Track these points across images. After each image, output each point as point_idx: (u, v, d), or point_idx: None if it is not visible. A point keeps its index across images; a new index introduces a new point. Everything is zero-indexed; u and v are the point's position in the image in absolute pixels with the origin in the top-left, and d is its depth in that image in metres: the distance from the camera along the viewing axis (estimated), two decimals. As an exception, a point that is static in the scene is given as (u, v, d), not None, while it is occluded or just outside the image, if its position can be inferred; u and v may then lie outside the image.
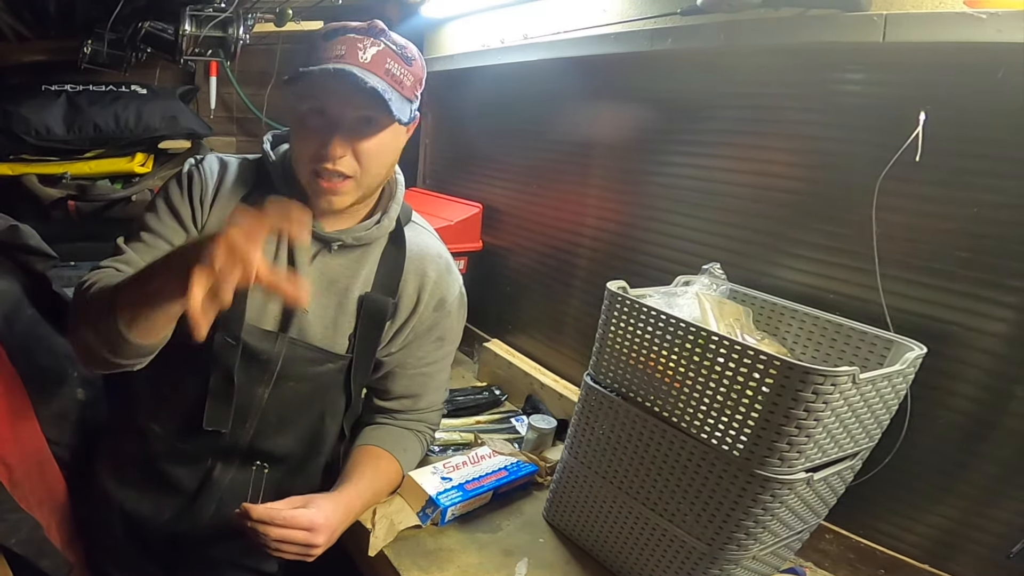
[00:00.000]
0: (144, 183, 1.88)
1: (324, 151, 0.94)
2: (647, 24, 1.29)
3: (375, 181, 1.02)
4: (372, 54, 0.93)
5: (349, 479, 1.06)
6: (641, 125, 1.43)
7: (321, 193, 0.98)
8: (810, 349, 1.08)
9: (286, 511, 0.92)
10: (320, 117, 0.95)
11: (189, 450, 1.07)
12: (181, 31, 1.67)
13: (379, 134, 0.97)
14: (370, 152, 0.97)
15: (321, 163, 0.95)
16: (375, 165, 0.99)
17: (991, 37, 0.84)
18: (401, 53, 0.97)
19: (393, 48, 0.96)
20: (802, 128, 1.13)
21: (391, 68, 0.95)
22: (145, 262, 0.97)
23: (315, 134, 0.95)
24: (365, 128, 0.95)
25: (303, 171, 0.98)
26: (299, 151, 0.98)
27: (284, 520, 0.91)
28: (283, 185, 1.04)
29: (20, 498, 0.98)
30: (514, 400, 1.69)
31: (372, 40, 0.94)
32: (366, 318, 1.09)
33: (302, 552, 0.94)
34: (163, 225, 1.02)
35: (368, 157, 0.97)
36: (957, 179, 0.95)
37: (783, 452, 0.81)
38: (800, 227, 1.14)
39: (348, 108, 0.94)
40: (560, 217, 1.67)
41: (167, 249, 0.99)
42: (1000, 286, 0.93)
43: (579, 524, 1.12)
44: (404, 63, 0.97)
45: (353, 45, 0.93)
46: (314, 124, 0.95)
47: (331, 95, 0.93)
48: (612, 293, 0.99)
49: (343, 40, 0.93)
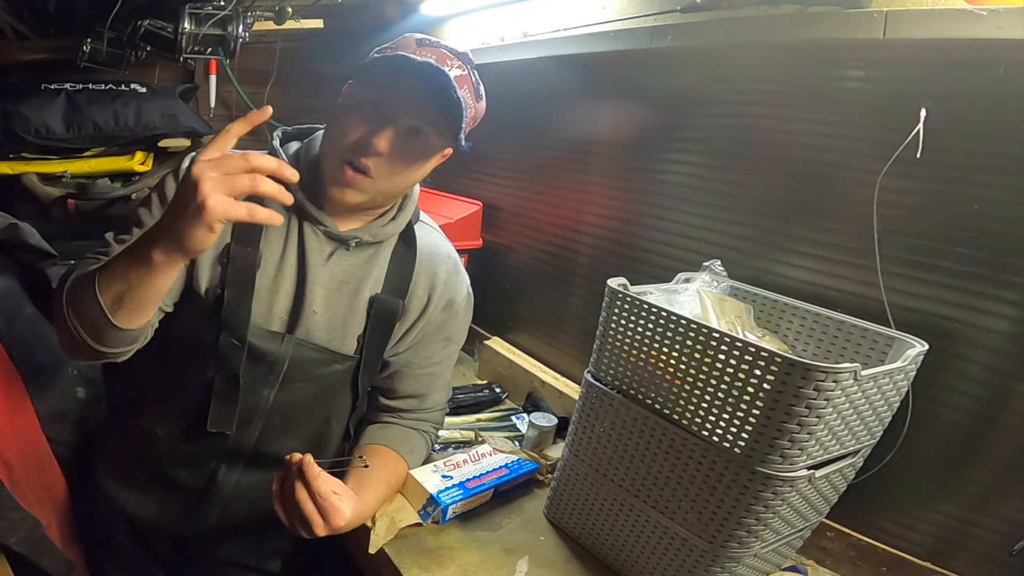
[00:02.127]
0: (144, 181, 1.88)
1: (367, 140, 0.92)
2: (647, 21, 1.29)
3: (392, 193, 1.01)
4: (456, 75, 0.91)
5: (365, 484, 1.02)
6: (641, 122, 1.42)
7: (340, 183, 0.95)
8: (811, 346, 1.08)
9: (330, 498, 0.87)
10: (375, 109, 0.93)
11: (192, 452, 1.06)
12: (180, 29, 1.67)
13: (422, 152, 0.96)
14: (405, 167, 0.96)
15: (358, 154, 0.93)
16: (401, 179, 0.98)
17: (992, 34, 0.84)
18: (477, 88, 0.97)
19: (473, 79, 0.96)
20: (803, 125, 1.13)
21: (465, 96, 0.93)
22: None
23: (364, 124, 0.93)
24: (413, 140, 0.94)
25: (334, 156, 0.96)
26: (338, 135, 0.95)
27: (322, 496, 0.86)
28: (295, 185, 1.02)
29: (20, 497, 0.98)
30: (515, 398, 1.69)
31: (460, 63, 0.94)
32: (376, 319, 1.08)
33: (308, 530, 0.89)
34: (153, 219, 0.99)
35: (401, 170, 0.96)
36: (958, 175, 0.95)
37: (785, 449, 0.81)
38: (801, 224, 1.14)
39: (409, 112, 0.92)
40: (560, 214, 1.67)
41: None
42: (1002, 282, 0.93)
43: (580, 522, 1.12)
44: (475, 98, 0.97)
45: (444, 58, 0.92)
46: (367, 113, 0.93)
47: (399, 93, 0.91)
48: (613, 290, 0.99)
49: (435, 51, 0.92)
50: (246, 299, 0.99)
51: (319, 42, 2.15)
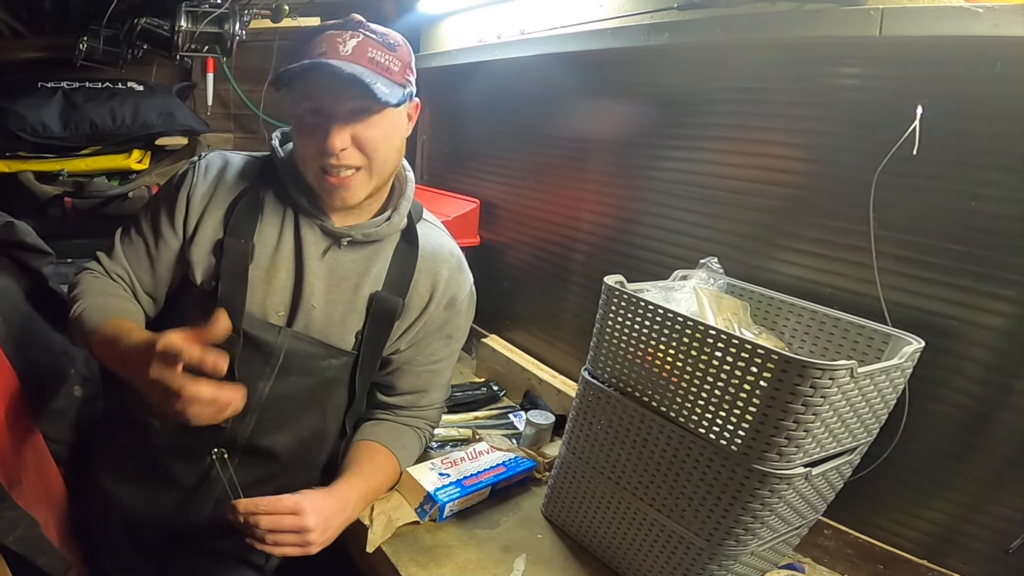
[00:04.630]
0: (141, 180, 1.87)
1: (325, 146, 0.94)
2: (644, 19, 1.29)
3: (385, 168, 1.02)
4: (352, 46, 0.94)
5: (343, 473, 1.07)
6: (638, 120, 1.42)
7: (331, 190, 0.99)
8: (808, 343, 1.08)
9: (268, 497, 0.92)
10: (316, 116, 0.95)
11: (188, 445, 1.06)
12: (177, 27, 1.66)
13: (375, 121, 0.97)
14: (371, 139, 0.97)
15: (326, 159, 0.96)
16: (380, 152, 0.99)
17: (988, 31, 0.84)
18: (383, 41, 0.97)
19: (374, 37, 0.96)
20: (799, 122, 1.13)
21: (374, 56, 0.95)
22: (130, 261, 1.06)
23: (314, 132, 0.96)
24: (360, 116, 0.96)
25: (310, 172, 0.99)
26: (303, 152, 0.99)
27: (268, 506, 0.91)
28: (291, 182, 1.04)
29: (17, 496, 0.98)
30: (512, 396, 1.69)
31: (351, 33, 0.95)
32: (375, 317, 1.09)
33: (298, 542, 0.92)
34: (147, 223, 1.06)
35: (370, 145, 0.97)
36: (954, 172, 0.95)
37: (781, 447, 0.81)
38: (797, 221, 1.14)
39: (339, 101, 0.94)
40: (557, 212, 1.67)
41: (141, 247, 1.06)
42: (998, 279, 0.93)
43: (577, 520, 1.12)
44: (387, 50, 0.97)
45: (332, 41, 0.94)
46: (312, 123, 0.96)
47: (321, 91, 0.94)
48: (609, 288, 0.99)
49: (322, 38, 0.94)
50: (240, 289, 1.02)
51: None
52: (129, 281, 1.06)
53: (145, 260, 1.06)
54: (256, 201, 1.05)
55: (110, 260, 1.07)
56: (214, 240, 1.03)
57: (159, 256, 1.06)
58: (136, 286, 1.07)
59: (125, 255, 1.06)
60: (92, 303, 0.98)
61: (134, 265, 1.06)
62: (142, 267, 1.06)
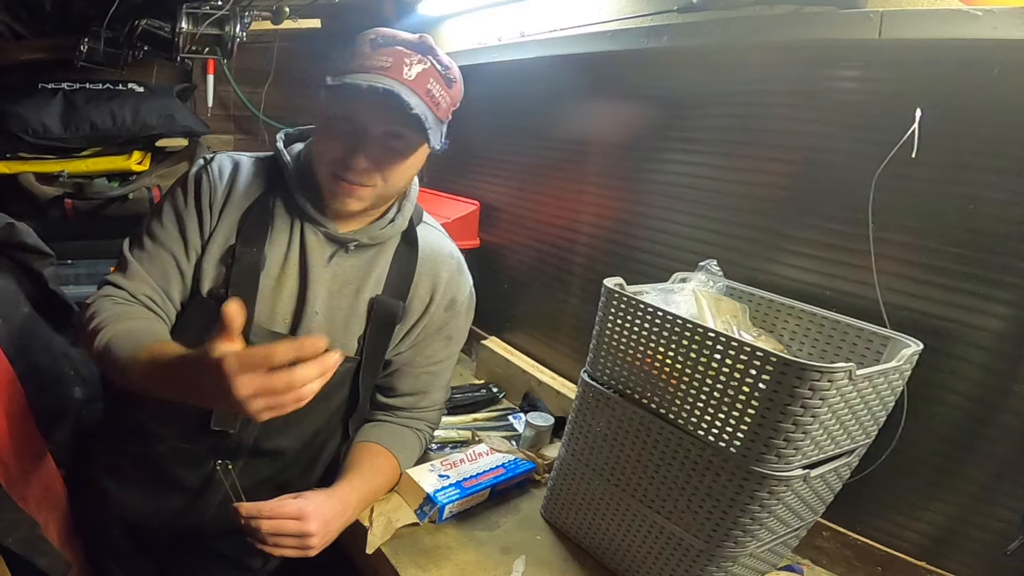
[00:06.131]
0: (141, 181, 1.88)
1: (349, 160, 0.93)
2: (643, 21, 1.29)
3: (393, 193, 1.02)
4: (417, 72, 0.92)
5: (343, 475, 1.07)
6: (638, 122, 1.42)
7: (339, 194, 0.98)
8: (807, 346, 1.08)
9: (272, 501, 0.92)
10: (349, 124, 0.94)
11: (192, 450, 1.06)
12: (178, 29, 1.67)
13: (406, 153, 0.97)
14: (395, 168, 0.97)
15: (345, 171, 0.95)
16: (396, 180, 0.99)
17: (987, 34, 0.84)
18: (445, 74, 0.96)
19: (438, 68, 0.95)
20: (798, 125, 1.13)
21: (432, 89, 0.94)
22: (155, 279, 1.00)
23: (341, 140, 0.94)
24: (393, 143, 0.95)
25: (323, 171, 0.98)
26: (322, 150, 0.98)
27: (271, 510, 0.90)
28: (297, 187, 1.03)
29: (18, 497, 0.98)
30: (512, 397, 1.69)
31: (420, 57, 0.93)
32: (376, 321, 1.08)
33: (299, 545, 0.93)
34: (166, 233, 1.01)
35: (393, 172, 0.97)
36: (953, 175, 0.95)
37: (780, 449, 0.81)
38: (796, 224, 1.14)
39: (380, 121, 0.93)
40: (557, 214, 1.67)
41: (168, 261, 1.00)
42: (996, 282, 0.93)
43: (576, 521, 1.12)
44: (445, 85, 0.97)
45: (400, 59, 0.92)
46: (341, 129, 0.94)
47: (367, 108, 0.92)
48: (609, 290, 0.99)
49: (391, 52, 0.92)
50: (250, 299, 1.00)
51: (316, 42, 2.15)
52: (160, 299, 1.01)
53: (174, 274, 1.01)
54: (266, 208, 1.03)
55: (129, 280, 0.99)
56: (225, 248, 1.01)
57: (188, 268, 1.01)
58: (167, 303, 1.02)
59: (148, 272, 1.00)
60: (118, 329, 0.92)
61: (161, 282, 1.00)
62: (171, 283, 1.01)
